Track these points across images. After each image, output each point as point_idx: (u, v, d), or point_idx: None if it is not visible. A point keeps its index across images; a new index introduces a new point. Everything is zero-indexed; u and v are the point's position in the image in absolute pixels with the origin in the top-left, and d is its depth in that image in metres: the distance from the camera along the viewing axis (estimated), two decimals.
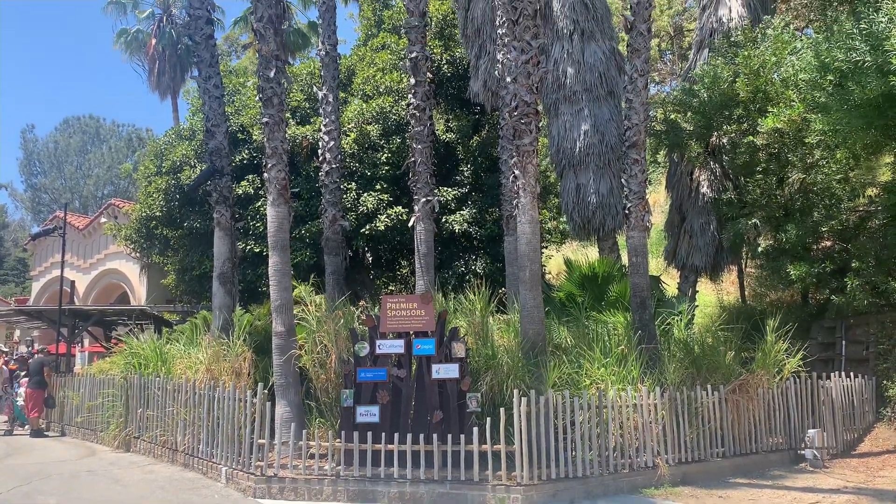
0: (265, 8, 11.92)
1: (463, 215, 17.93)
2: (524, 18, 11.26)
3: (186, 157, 19.25)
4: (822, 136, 11.83)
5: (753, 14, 16.36)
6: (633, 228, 11.51)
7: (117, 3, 36.81)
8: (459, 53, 19.76)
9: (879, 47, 9.48)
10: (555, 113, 16.86)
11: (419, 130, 13.49)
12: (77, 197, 60.51)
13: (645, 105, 11.71)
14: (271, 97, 11.89)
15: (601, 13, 16.79)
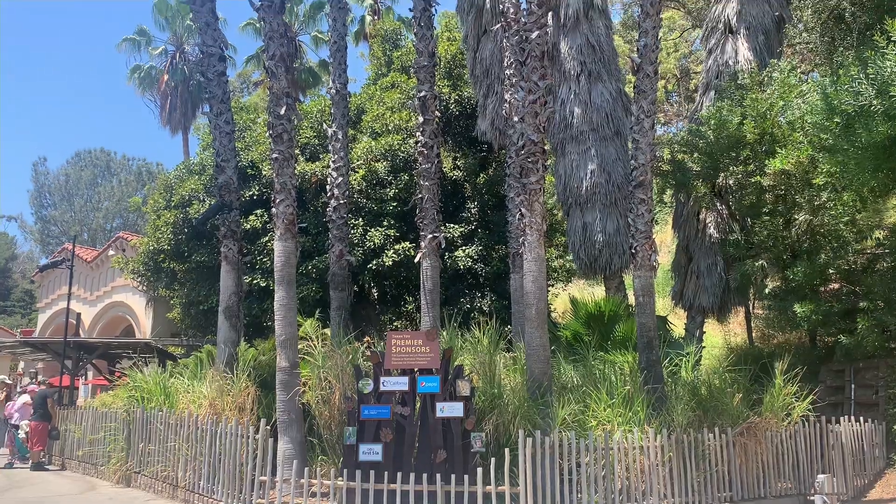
0: (277, 47, 12.11)
1: (469, 252, 17.95)
2: (532, 59, 11.39)
3: (196, 191, 19.40)
4: (829, 177, 11.85)
5: (759, 58, 16.53)
6: (640, 268, 11.49)
7: (132, 40, 37.51)
8: (468, 93, 19.99)
9: (886, 92, 9.54)
10: (562, 152, 16.97)
11: (427, 168, 13.58)
12: (86, 229, 60.87)
13: (651, 145, 11.77)
14: (281, 133, 12.01)
15: (608, 55, 16.99)
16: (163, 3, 36.70)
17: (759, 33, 16.83)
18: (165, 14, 36.88)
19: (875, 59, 9.84)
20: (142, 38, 37.65)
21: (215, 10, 14.58)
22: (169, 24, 37.32)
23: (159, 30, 37.74)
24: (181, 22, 36.79)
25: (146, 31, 37.78)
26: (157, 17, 37.15)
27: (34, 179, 64.75)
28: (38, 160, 68.87)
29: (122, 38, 37.75)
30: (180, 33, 37.71)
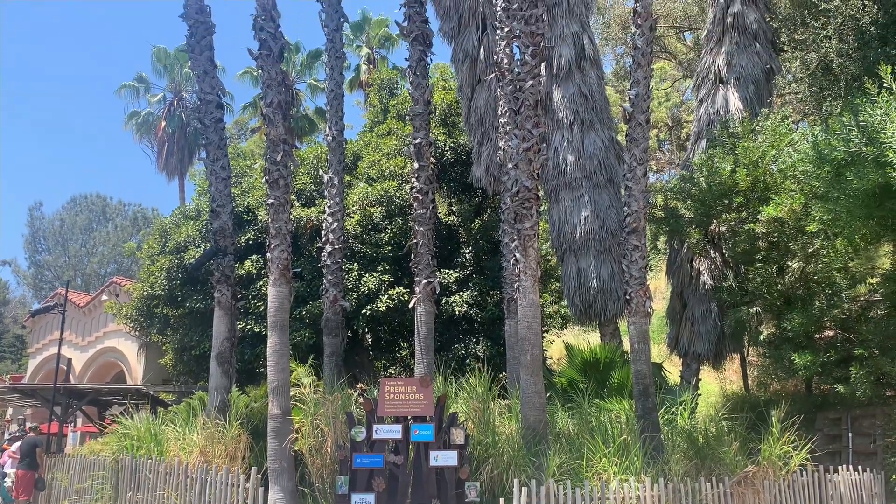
0: (275, 94, 12.26)
1: (464, 297, 17.93)
2: (525, 108, 11.56)
3: (191, 236, 19.42)
4: (821, 225, 11.94)
5: (750, 107, 16.79)
6: (635, 314, 11.47)
7: (130, 87, 37.96)
8: (462, 140, 20.21)
9: (875, 139, 9.68)
10: (555, 198, 17.09)
11: (422, 213, 13.65)
12: (80, 275, 60.64)
13: (644, 193, 11.87)
14: (277, 179, 12.08)
15: (600, 104, 17.24)
16: (162, 51, 37.25)
17: (749, 83, 17.13)
18: (164, 62, 37.41)
19: (865, 107, 10.01)
20: (140, 84, 38.11)
21: (213, 58, 14.80)
22: (167, 71, 37.83)
23: (157, 77, 38.26)
24: (179, 69, 37.30)
25: (145, 78, 38.26)
26: (156, 65, 37.70)
27: (29, 224, 64.70)
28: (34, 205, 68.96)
29: (120, 85, 38.19)
30: (178, 80, 38.20)
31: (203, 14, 14.58)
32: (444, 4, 18.86)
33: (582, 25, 17.32)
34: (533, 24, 11.64)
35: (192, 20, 14.52)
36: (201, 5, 14.59)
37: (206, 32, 14.61)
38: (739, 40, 17.48)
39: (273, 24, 12.48)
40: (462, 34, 18.52)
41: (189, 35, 14.61)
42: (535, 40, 11.67)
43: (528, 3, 11.63)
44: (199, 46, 14.54)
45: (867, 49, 14.28)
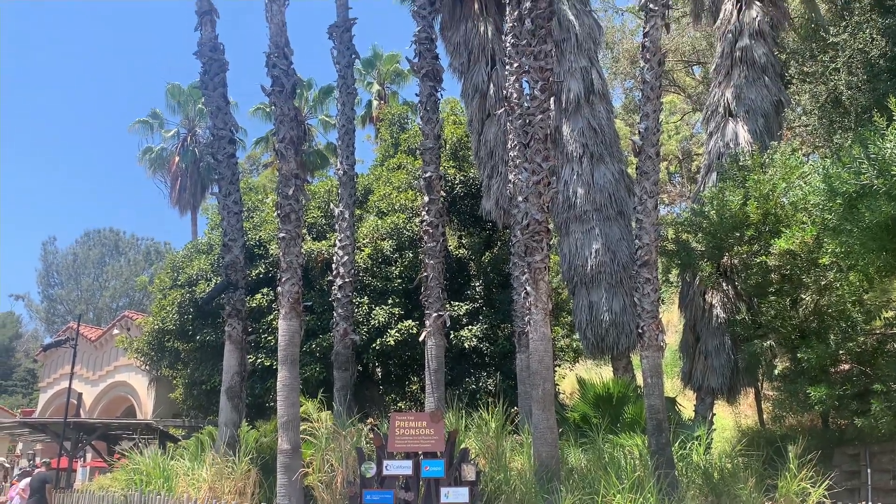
0: (287, 130, 12.40)
1: (474, 331, 17.86)
2: (535, 142, 11.62)
3: (203, 270, 19.50)
4: (834, 257, 11.85)
5: (760, 140, 16.80)
6: (647, 348, 11.37)
7: (144, 123, 38.48)
8: (472, 173, 20.30)
9: (887, 171, 9.64)
10: (566, 231, 17.07)
11: (432, 246, 13.67)
12: (92, 308, 60.91)
13: (655, 226, 11.85)
14: (289, 213, 12.16)
15: (609, 137, 17.30)
16: (175, 88, 37.80)
17: (759, 116, 17.16)
18: (178, 98, 37.95)
19: (875, 140, 9.99)
20: (154, 120, 38.62)
21: (226, 94, 15.01)
22: (181, 107, 38.34)
23: (171, 113, 38.76)
24: (193, 105, 37.80)
25: (159, 114, 38.78)
26: (170, 101, 38.23)
27: (43, 258, 65.26)
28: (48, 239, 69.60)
29: (135, 121, 38.71)
30: (192, 116, 38.69)
31: (217, 52, 14.83)
32: (454, 41, 19.08)
33: (590, 60, 17.47)
34: (542, 60, 11.75)
35: (206, 58, 14.76)
36: (215, 43, 14.84)
37: (219, 70, 14.84)
38: (748, 74, 17.55)
39: (286, 62, 12.68)
40: (472, 70, 18.70)
41: (203, 72, 14.84)
42: (544, 75, 11.77)
43: (537, 40, 11.76)
44: (213, 83, 14.76)
45: (876, 81, 14.31)
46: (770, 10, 17.97)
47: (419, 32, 14.53)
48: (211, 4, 14.91)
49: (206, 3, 14.74)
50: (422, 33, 14.52)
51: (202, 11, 14.85)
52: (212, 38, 14.83)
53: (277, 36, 13.01)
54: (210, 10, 14.91)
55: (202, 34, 14.88)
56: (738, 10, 18.11)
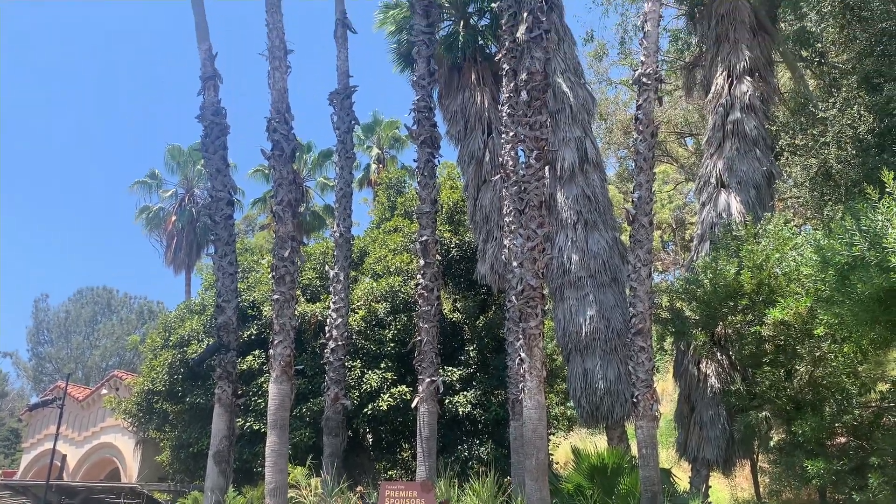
0: (285, 193, 12.54)
1: (467, 397, 17.66)
2: (530, 209, 11.75)
3: (195, 331, 19.39)
4: (828, 328, 11.84)
5: (752, 211, 17.00)
6: (642, 418, 11.26)
7: (143, 183, 38.82)
8: (468, 238, 20.44)
9: (878, 244, 9.73)
10: (560, 297, 17.08)
11: (426, 310, 13.64)
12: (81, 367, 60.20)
13: (649, 294, 11.90)
14: (284, 275, 12.18)
15: (603, 205, 17.49)
16: (176, 149, 38.30)
17: (751, 188, 17.41)
18: (178, 159, 38.41)
19: (867, 212, 10.12)
20: (153, 180, 38.98)
21: (226, 157, 15.21)
22: (180, 167, 38.77)
23: (170, 173, 39.14)
24: (192, 166, 38.23)
25: (157, 175, 39.16)
26: (169, 161, 38.67)
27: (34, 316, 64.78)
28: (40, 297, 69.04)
29: (133, 181, 39.07)
30: (191, 177, 39.07)
31: (219, 116, 15.09)
32: (452, 110, 19.50)
33: (584, 130, 17.81)
34: (537, 130, 11.99)
35: (208, 121, 15.01)
36: (217, 107, 15.12)
37: (220, 133, 15.08)
38: (739, 146, 17.90)
39: (286, 127, 12.91)
40: (468, 137, 19.05)
41: (204, 135, 15.07)
42: (539, 144, 11.99)
43: (532, 110, 12.02)
44: (214, 146, 14.97)
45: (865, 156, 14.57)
46: (760, 85, 18.45)
47: (418, 101, 14.84)
48: (215, 70, 15.25)
49: (210, 69, 15.08)
50: (420, 102, 14.84)
51: (206, 77, 15.18)
52: (214, 102, 15.11)
53: (279, 102, 13.28)
54: (214, 76, 15.24)
55: (205, 98, 15.17)
56: (730, 85, 18.58)
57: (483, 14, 20.36)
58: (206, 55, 14.90)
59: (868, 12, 14.51)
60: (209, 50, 14.94)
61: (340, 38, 16.66)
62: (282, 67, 13.74)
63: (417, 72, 14.96)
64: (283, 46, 13.93)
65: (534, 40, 12.32)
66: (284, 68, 13.69)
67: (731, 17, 18.96)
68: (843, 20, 14.84)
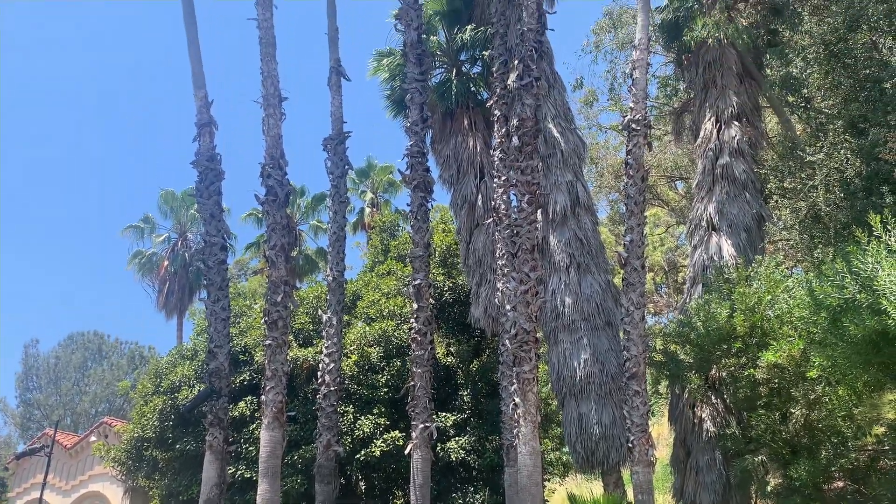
0: (279, 237, 12.58)
1: (461, 443, 17.48)
2: (522, 252, 11.82)
3: (186, 376, 19.22)
4: (822, 371, 11.84)
5: (743, 254, 17.13)
6: (638, 463, 11.17)
7: (136, 228, 38.82)
8: (461, 281, 20.46)
9: (869, 286, 9.79)
10: (554, 340, 17.05)
11: (420, 354, 13.59)
12: (70, 414, 59.37)
13: (643, 337, 11.91)
14: (276, 320, 12.16)
15: (595, 248, 17.59)
16: (169, 194, 38.42)
17: (741, 231, 17.58)
18: (171, 204, 38.50)
19: (857, 254, 10.21)
20: (146, 225, 38.98)
21: (220, 202, 15.27)
22: (173, 212, 38.84)
23: (163, 218, 39.17)
24: (185, 211, 38.31)
25: (151, 219, 39.18)
26: (163, 206, 38.73)
27: (24, 362, 64.06)
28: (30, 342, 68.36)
29: (126, 226, 39.05)
30: (184, 221, 39.11)
31: (213, 161, 15.20)
32: (444, 154, 19.72)
33: (576, 174, 17.99)
34: (529, 174, 12.13)
35: (203, 167, 15.11)
36: (212, 153, 15.24)
37: (215, 178, 15.16)
38: (729, 190, 18.12)
39: (280, 172, 13.02)
40: (461, 181, 19.23)
41: (199, 180, 15.15)
42: (530, 189, 12.11)
43: (523, 155, 12.18)
44: (208, 191, 15.04)
45: (854, 199, 14.75)
46: (748, 130, 18.76)
47: (411, 146, 15.01)
48: (211, 117, 15.41)
49: (205, 115, 15.24)
50: (413, 147, 15.01)
51: (201, 123, 15.33)
52: (209, 148, 15.23)
53: (273, 148, 13.42)
54: (209, 123, 15.39)
55: (200, 144, 15.29)
56: (718, 130, 18.89)
57: (475, 62, 20.74)
58: (201, 102, 15.07)
59: (851, 59, 14.83)
60: (205, 97, 15.11)
61: (335, 86, 16.90)
62: (276, 114, 13.91)
63: (411, 118, 15.16)
64: (277, 94, 14.13)
65: (524, 87, 12.54)
66: (279, 115, 13.86)
67: (718, 63, 19.36)
68: (828, 66, 15.16)
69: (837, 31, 14.84)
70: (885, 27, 14.69)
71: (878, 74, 14.22)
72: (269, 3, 14.27)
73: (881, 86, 13.87)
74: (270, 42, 14.29)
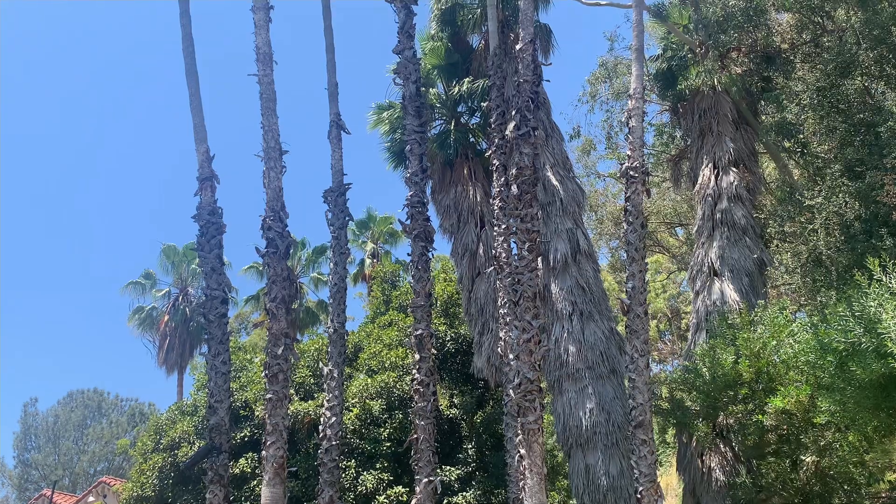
0: (279, 290, 12.53)
1: (467, 497, 17.16)
2: (524, 300, 11.75)
3: (186, 433, 18.97)
4: (831, 417, 11.66)
5: (746, 298, 17.07)
6: None
7: (136, 284, 38.75)
8: (463, 330, 20.34)
9: (873, 329, 9.71)
10: (559, 390, 16.85)
11: (422, 406, 13.39)
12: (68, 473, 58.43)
13: (648, 384, 11.77)
14: (277, 373, 12.02)
15: (598, 296, 17.52)
16: (170, 249, 38.48)
17: (743, 275, 17.54)
18: (172, 258, 38.52)
19: (859, 298, 10.15)
20: (147, 280, 38.93)
21: (222, 255, 15.23)
22: (174, 267, 38.82)
23: (164, 273, 39.14)
24: (187, 266, 38.31)
25: (152, 275, 39.15)
26: (164, 261, 38.74)
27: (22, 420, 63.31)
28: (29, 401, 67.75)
29: (127, 282, 38.96)
30: (185, 276, 39.08)
31: (215, 215, 15.21)
32: (445, 204, 19.82)
33: (575, 222, 18.05)
34: (529, 222, 12.14)
35: (204, 221, 15.12)
36: (214, 207, 15.26)
37: (216, 232, 15.15)
38: (729, 235, 18.15)
39: (281, 224, 13.03)
40: (462, 230, 19.28)
41: (200, 234, 15.13)
42: (531, 236, 12.12)
43: (523, 203, 12.21)
44: (209, 245, 15.01)
45: (854, 242, 14.74)
46: (746, 175, 18.89)
47: (411, 197, 15.06)
48: (212, 171, 15.49)
49: (207, 170, 15.32)
50: (414, 197, 15.05)
51: (203, 178, 15.39)
52: (211, 202, 15.26)
53: (274, 200, 13.46)
54: (211, 177, 15.45)
55: (202, 198, 15.32)
56: (716, 176, 19.02)
57: (473, 113, 21.02)
58: (203, 157, 15.18)
59: (845, 104, 15.00)
60: (207, 152, 15.22)
61: (335, 139, 17.04)
62: (277, 167, 13.98)
63: (410, 169, 15.25)
64: (278, 147, 14.24)
65: (522, 137, 12.66)
66: (279, 168, 13.93)
67: (714, 111, 19.61)
68: (822, 111, 15.32)
69: (830, 77, 15.05)
70: (877, 72, 14.91)
71: (872, 119, 14.37)
72: (269, 60, 14.48)
73: (876, 130, 14.00)
74: (271, 97, 14.46)
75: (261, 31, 14.28)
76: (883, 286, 10.00)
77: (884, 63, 14.70)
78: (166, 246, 38.53)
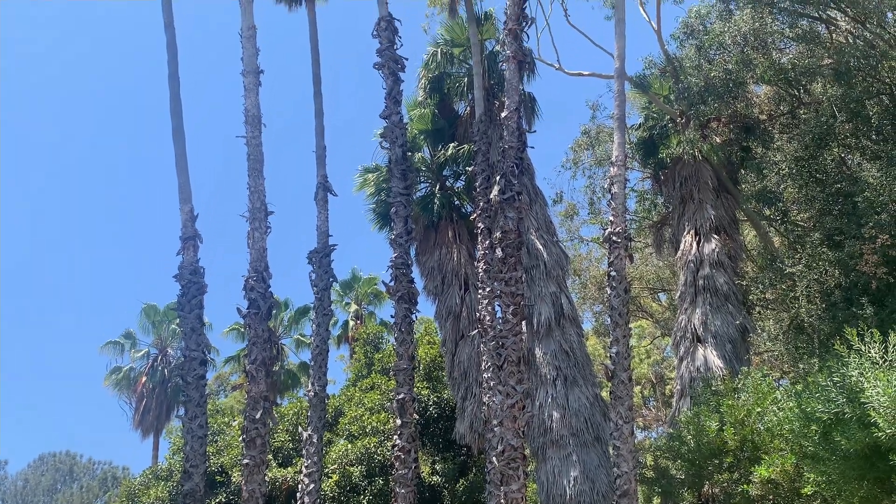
0: (260, 351, 12.38)
1: None
2: (508, 364, 11.67)
3: (160, 498, 18.45)
4: (816, 487, 11.52)
5: (730, 365, 17.05)
6: None
7: (115, 343, 38.12)
8: (446, 394, 20.10)
9: (856, 399, 9.69)
10: (543, 457, 16.59)
11: (403, 473, 13.11)
12: None
13: (633, 452, 11.62)
14: (255, 438, 11.77)
15: (582, 360, 17.45)
16: (151, 308, 38.01)
17: (726, 342, 17.57)
18: (153, 318, 38.01)
19: (839, 368, 10.15)
20: (127, 340, 38.32)
21: (202, 316, 15.07)
22: (154, 327, 38.27)
23: (144, 333, 38.58)
24: (167, 326, 37.80)
25: (132, 335, 38.56)
26: (144, 321, 38.18)
27: None
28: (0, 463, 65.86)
29: (106, 342, 38.34)
30: (165, 336, 38.52)
31: (196, 275, 15.12)
32: (429, 266, 19.84)
33: (559, 286, 18.09)
34: (513, 286, 12.16)
35: (186, 280, 15.01)
36: (196, 267, 15.18)
37: (197, 292, 15.03)
38: (712, 301, 18.24)
39: (264, 285, 12.96)
40: (446, 293, 19.25)
41: (181, 294, 15.00)
42: (515, 300, 12.11)
43: (507, 267, 12.25)
44: (190, 305, 14.87)
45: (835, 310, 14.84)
46: (728, 243, 19.11)
47: (395, 258, 15.07)
48: (196, 231, 15.47)
49: (190, 229, 15.30)
50: (398, 259, 15.07)
51: (186, 237, 15.36)
52: (193, 261, 15.19)
53: (257, 261, 13.42)
54: (194, 236, 15.42)
55: (184, 258, 15.25)
56: (698, 243, 19.23)
57: (458, 177, 21.26)
58: (187, 216, 15.17)
59: (823, 175, 15.31)
60: (191, 211, 15.23)
61: (321, 201, 17.13)
62: (262, 228, 13.99)
63: (395, 230, 15.31)
64: (263, 208, 14.28)
65: (506, 201, 12.78)
66: (264, 229, 13.94)
67: (695, 179, 19.95)
68: (801, 181, 15.61)
69: (808, 147, 15.39)
70: (853, 144, 15.28)
71: (850, 189, 14.65)
72: (257, 122, 14.66)
73: (853, 200, 14.25)
74: (258, 158, 14.58)
75: (250, 94, 14.49)
76: (863, 356, 10.02)
77: (859, 135, 15.09)
78: (147, 305, 38.07)
